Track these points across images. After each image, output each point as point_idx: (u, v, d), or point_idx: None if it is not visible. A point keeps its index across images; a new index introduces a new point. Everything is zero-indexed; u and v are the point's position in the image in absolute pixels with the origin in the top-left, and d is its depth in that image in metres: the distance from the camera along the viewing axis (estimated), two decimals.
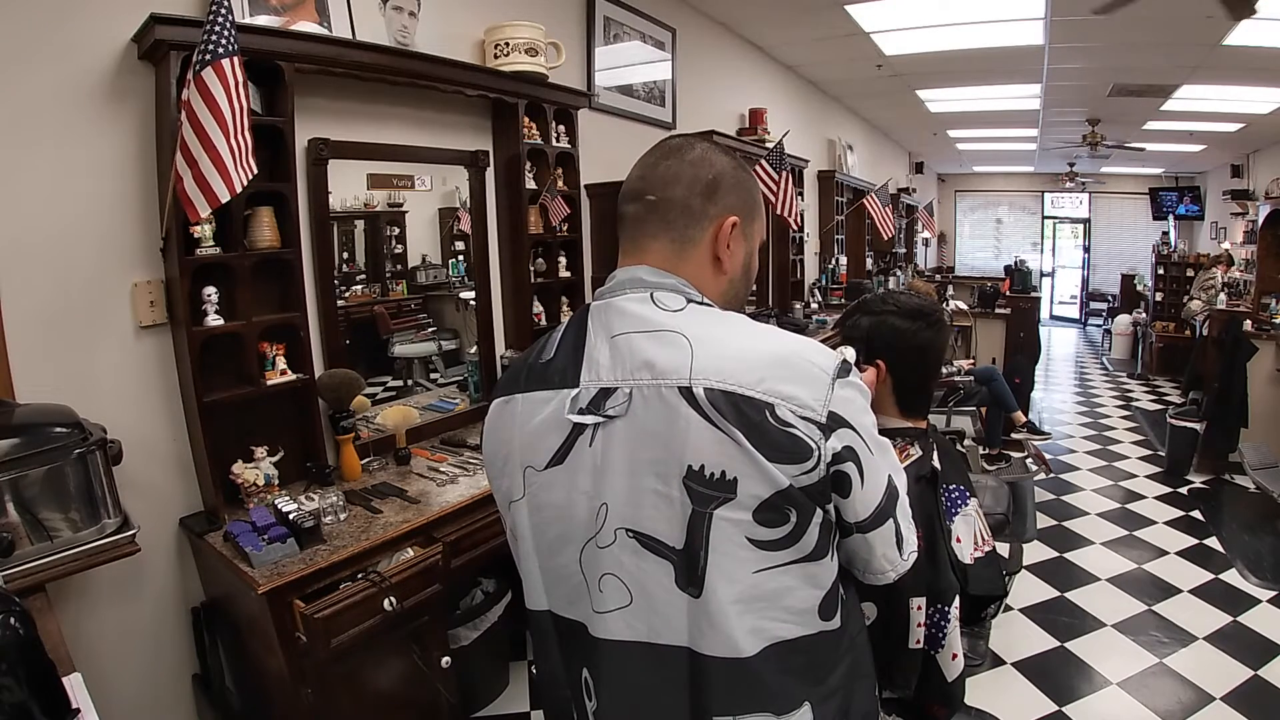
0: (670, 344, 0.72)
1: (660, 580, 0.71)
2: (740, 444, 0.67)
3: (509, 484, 0.82)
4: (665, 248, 0.79)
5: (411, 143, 2.34)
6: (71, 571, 1.38)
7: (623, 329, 0.75)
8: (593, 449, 0.73)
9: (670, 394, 0.70)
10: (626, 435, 0.72)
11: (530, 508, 0.80)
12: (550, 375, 0.79)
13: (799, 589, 0.71)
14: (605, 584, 0.74)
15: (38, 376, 1.55)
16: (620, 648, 0.74)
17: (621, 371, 0.73)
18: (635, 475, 0.71)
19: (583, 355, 0.77)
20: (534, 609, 0.84)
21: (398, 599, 1.58)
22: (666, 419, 0.69)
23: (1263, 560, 3.23)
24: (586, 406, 0.74)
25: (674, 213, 0.79)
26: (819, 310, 5.53)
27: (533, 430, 0.78)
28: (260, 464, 1.82)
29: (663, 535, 0.70)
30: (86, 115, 1.61)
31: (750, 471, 0.67)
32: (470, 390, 2.64)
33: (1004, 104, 6.16)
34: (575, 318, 0.83)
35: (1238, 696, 2.26)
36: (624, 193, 0.83)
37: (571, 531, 0.76)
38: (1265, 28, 3.74)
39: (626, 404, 0.72)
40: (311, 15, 1.98)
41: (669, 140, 0.84)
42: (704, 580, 0.69)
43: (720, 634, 0.69)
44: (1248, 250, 7.36)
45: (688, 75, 3.91)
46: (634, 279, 0.78)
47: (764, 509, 0.67)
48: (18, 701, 0.81)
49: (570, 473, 0.75)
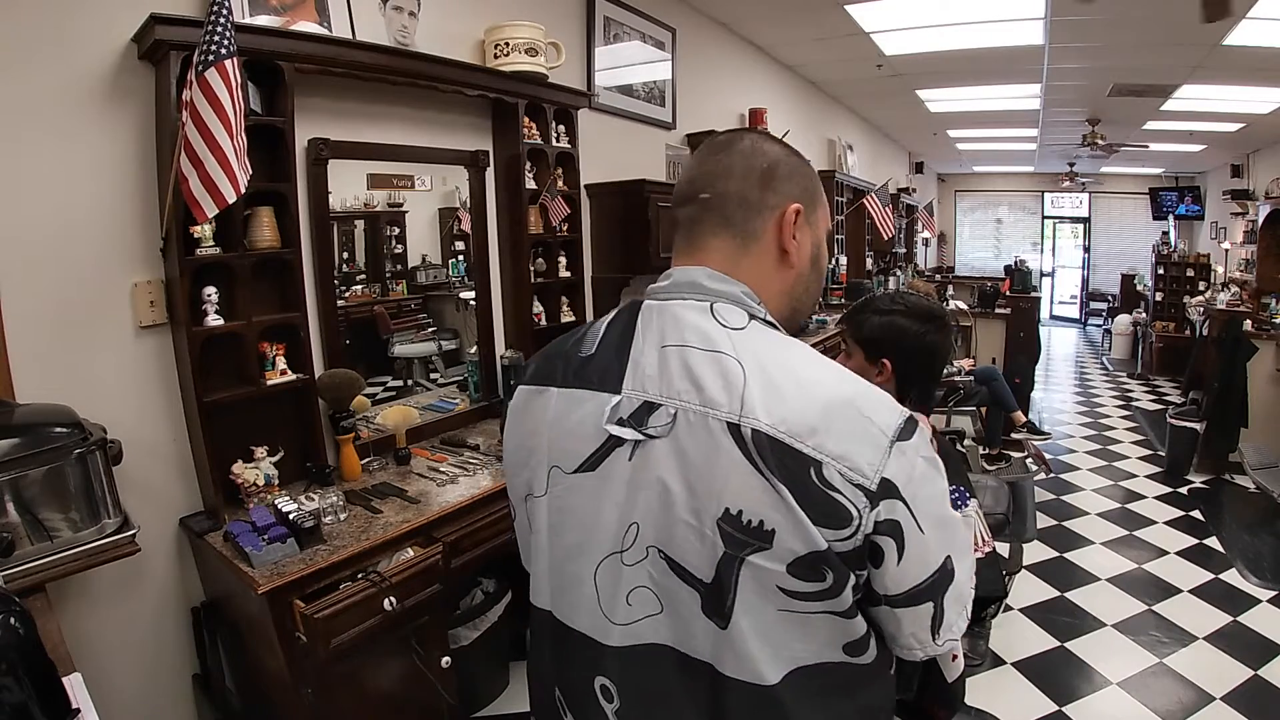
0: (724, 369, 0.66)
1: (687, 603, 0.67)
2: (784, 498, 0.61)
3: (530, 478, 0.79)
4: (726, 245, 0.75)
5: (411, 143, 2.34)
6: (71, 571, 1.38)
7: (675, 340, 0.70)
8: (630, 465, 0.69)
9: (716, 426, 0.64)
10: (666, 459, 0.67)
11: (550, 507, 0.76)
12: (590, 374, 0.74)
13: (830, 633, 0.67)
14: (635, 596, 0.69)
15: (38, 376, 1.55)
16: (648, 650, 0.70)
17: (667, 387, 0.68)
18: (670, 503, 0.66)
19: (627, 359, 0.72)
20: (537, 605, 0.81)
21: (398, 599, 1.58)
22: (709, 452, 0.64)
23: (1263, 560, 3.24)
24: (628, 419, 0.69)
25: (731, 207, 0.74)
26: (819, 310, 5.53)
27: (567, 430, 0.74)
28: (260, 464, 1.82)
29: (691, 566, 0.66)
30: (87, 115, 1.61)
31: (789, 527, 0.61)
32: (470, 390, 2.64)
33: (1004, 104, 6.16)
34: (622, 314, 0.78)
35: (1238, 696, 2.26)
36: (676, 197, 0.79)
37: (592, 543, 0.72)
38: (1265, 28, 3.74)
39: (670, 425, 0.67)
40: (311, 15, 1.98)
41: (715, 137, 0.80)
42: (730, 615, 0.65)
43: (744, 662, 0.65)
44: (1248, 250, 7.37)
45: (688, 75, 3.91)
46: (692, 283, 0.73)
47: (799, 564, 0.62)
48: (18, 701, 0.80)
49: (601, 482, 0.71)
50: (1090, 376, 7.87)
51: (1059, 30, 4.06)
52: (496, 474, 2.07)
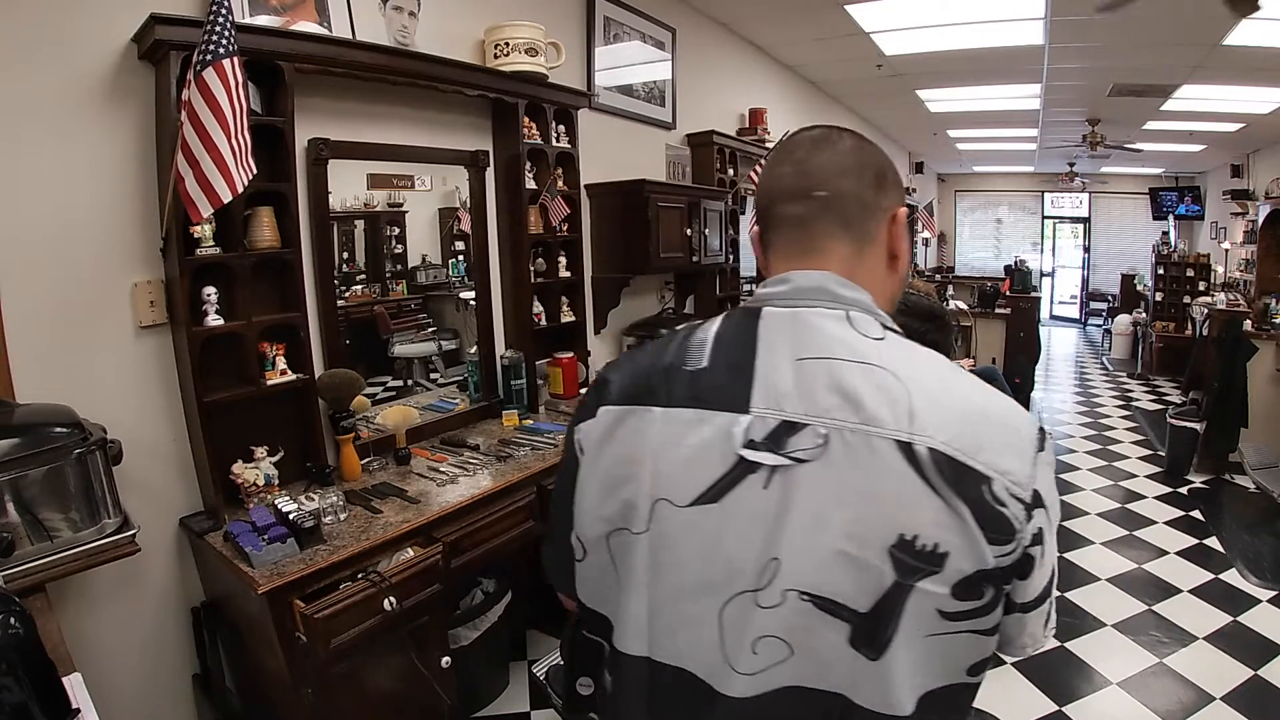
0: (881, 384, 0.61)
1: (829, 639, 0.61)
2: (963, 519, 0.58)
3: (621, 513, 0.69)
4: (844, 249, 0.70)
5: (411, 143, 2.34)
6: (71, 571, 1.38)
7: (816, 351, 0.64)
8: (767, 493, 0.61)
9: (884, 446, 0.59)
10: (818, 486, 0.60)
11: (654, 545, 0.67)
12: (704, 391, 0.66)
13: (965, 654, 0.64)
14: (762, 645, 0.62)
15: (38, 376, 1.55)
16: (773, 695, 0.64)
17: (813, 405, 0.62)
18: (822, 533, 0.60)
19: (752, 374, 0.64)
20: (627, 652, 0.71)
21: (398, 599, 1.58)
22: (875, 475, 0.59)
23: (1263, 560, 3.24)
24: (762, 441, 0.62)
25: (851, 208, 0.70)
26: None
27: (679, 457, 0.65)
28: (260, 464, 1.82)
29: (845, 598, 0.60)
30: (87, 115, 1.61)
31: (964, 548, 0.59)
32: (470, 390, 2.64)
33: (1004, 104, 6.16)
34: (734, 322, 0.70)
35: (1238, 696, 2.26)
36: (779, 191, 0.72)
37: (718, 581, 0.64)
38: (1265, 28, 3.74)
39: (822, 448, 0.60)
40: (311, 15, 1.98)
41: (807, 132, 0.75)
42: (888, 645, 0.60)
43: (887, 692, 0.62)
44: (1248, 250, 7.37)
45: (688, 75, 3.91)
46: (820, 288, 0.67)
47: (963, 585, 0.60)
48: (18, 702, 0.81)
49: (728, 515, 0.63)
50: (1090, 376, 7.87)
51: (1059, 30, 4.06)
52: (496, 474, 2.07)
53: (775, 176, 0.74)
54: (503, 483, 2.01)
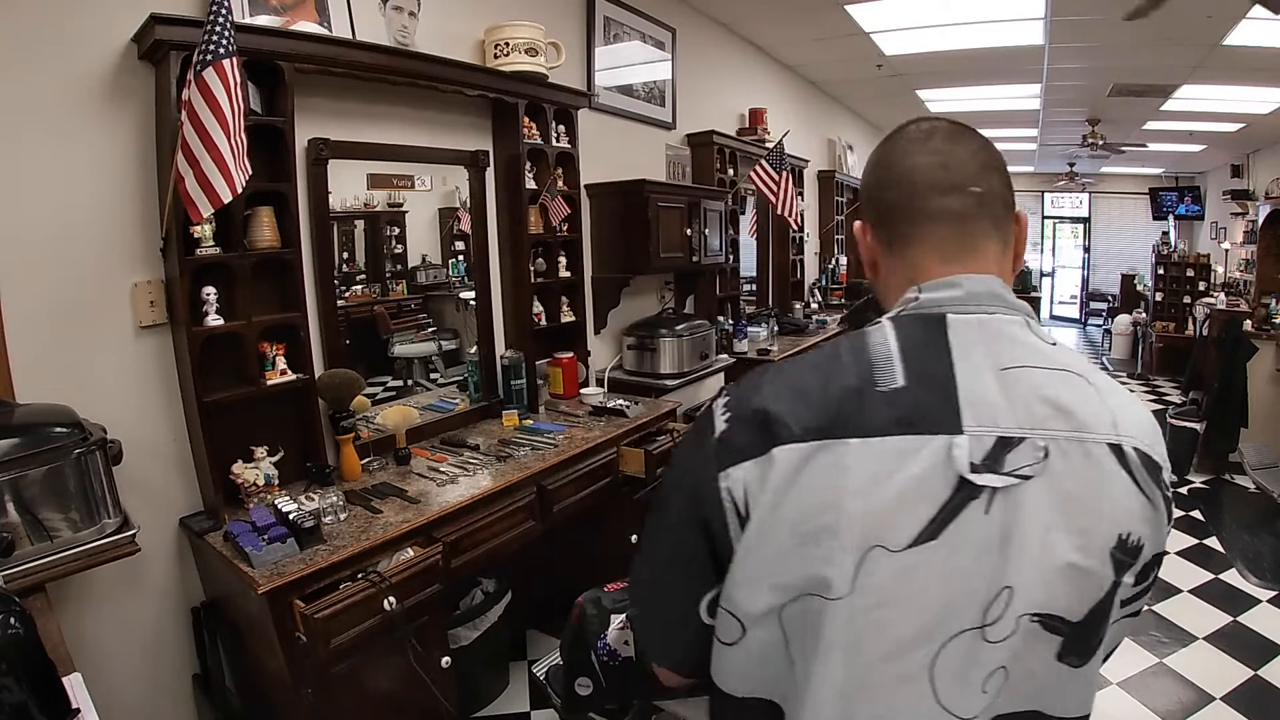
0: (1080, 389, 0.60)
1: (1040, 655, 0.59)
2: (1158, 510, 0.61)
3: (812, 574, 0.58)
4: (996, 249, 0.67)
5: (411, 143, 2.34)
6: (71, 571, 1.38)
7: (1015, 360, 0.60)
8: (990, 518, 0.56)
9: (1099, 451, 0.58)
10: (1042, 502, 0.57)
11: (857, 607, 0.57)
12: (910, 413, 0.58)
13: (1115, 637, 0.66)
14: (991, 682, 0.58)
15: (38, 376, 1.55)
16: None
17: (1027, 417, 0.58)
18: (1051, 550, 0.57)
19: (955, 389, 0.59)
20: None
21: (398, 599, 1.58)
22: (1095, 482, 0.58)
23: (1263, 560, 3.24)
24: (981, 462, 0.57)
25: (999, 208, 0.67)
26: (819, 310, 5.53)
27: (891, 493, 0.57)
28: (260, 464, 1.82)
29: (1064, 611, 0.58)
30: (87, 115, 1.61)
31: (1152, 536, 0.61)
32: (470, 390, 2.64)
33: (1004, 104, 6.16)
34: (914, 332, 0.63)
35: (1238, 696, 2.26)
36: (924, 183, 0.66)
37: (932, 628, 0.57)
38: (1265, 28, 3.74)
39: (1043, 462, 0.57)
40: (311, 15, 1.98)
41: (927, 123, 0.69)
42: (1096, 648, 0.61)
43: (1080, 696, 0.62)
44: (1248, 250, 7.36)
45: (688, 75, 3.91)
46: (992, 293, 0.64)
47: (1144, 570, 0.62)
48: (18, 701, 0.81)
49: (949, 551, 0.57)
50: None
51: (1059, 30, 4.06)
52: (496, 474, 2.07)
53: (914, 167, 0.67)
54: (503, 483, 2.01)
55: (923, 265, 0.67)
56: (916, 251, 0.67)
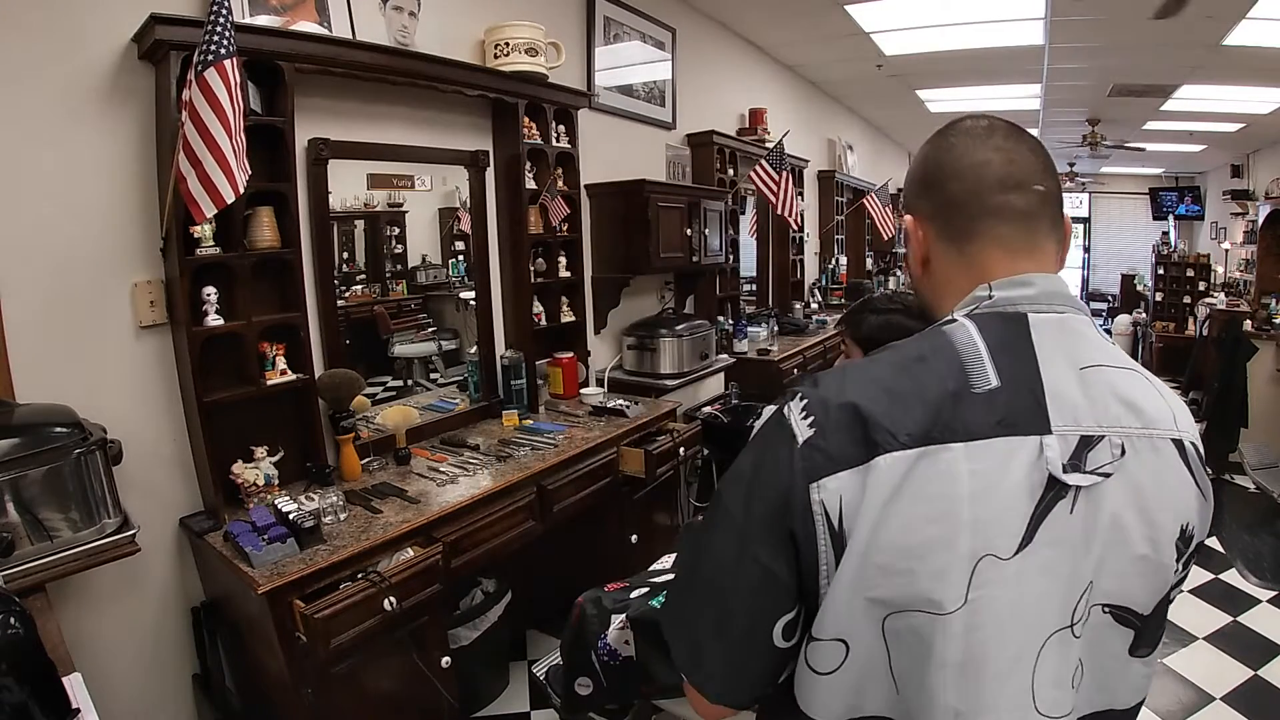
0: (1142, 386, 0.62)
1: (1115, 650, 0.61)
2: (1208, 499, 0.64)
3: (924, 587, 0.55)
4: (1054, 251, 0.67)
5: (411, 143, 2.34)
6: (71, 571, 1.38)
7: (1091, 359, 0.61)
8: (1073, 518, 0.56)
9: (1165, 447, 0.61)
10: (1119, 496, 0.58)
11: (971, 622, 0.55)
12: (1008, 413, 0.57)
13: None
14: (1078, 677, 0.59)
15: (38, 376, 1.55)
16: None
17: (1105, 416, 0.59)
18: (1125, 543, 0.58)
19: (1042, 388, 0.58)
20: None
21: (398, 599, 1.58)
22: (1161, 476, 0.60)
23: (1263, 560, 3.24)
24: (1068, 461, 0.57)
25: (1056, 209, 0.67)
26: (819, 310, 5.53)
27: (1000, 500, 0.56)
28: (260, 464, 1.82)
29: (1136, 604, 0.61)
30: (87, 115, 1.61)
31: (1202, 526, 0.64)
32: (470, 390, 2.64)
33: (1004, 104, 6.15)
34: (997, 331, 0.61)
35: (1238, 696, 2.26)
36: (990, 178, 0.65)
37: (1037, 633, 0.57)
38: (1265, 28, 3.74)
39: (1120, 459, 0.58)
40: (311, 15, 1.98)
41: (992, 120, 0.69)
42: (1161, 637, 0.65)
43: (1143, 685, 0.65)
44: (1248, 250, 7.36)
45: (688, 75, 3.91)
46: (1061, 293, 0.64)
47: (1188, 559, 0.65)
48: (18, 701, 0.81)
49: (1045, 553, 0.56)
50: None
51: (1059, 30, 4.06)
52: (496, 474, 2.07)
53: (980, 163, 0.66)
54: (503, 483, 2.01)
55: (988, 262, 0.66)
56: (980, 247, 0.66)
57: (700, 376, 3.42)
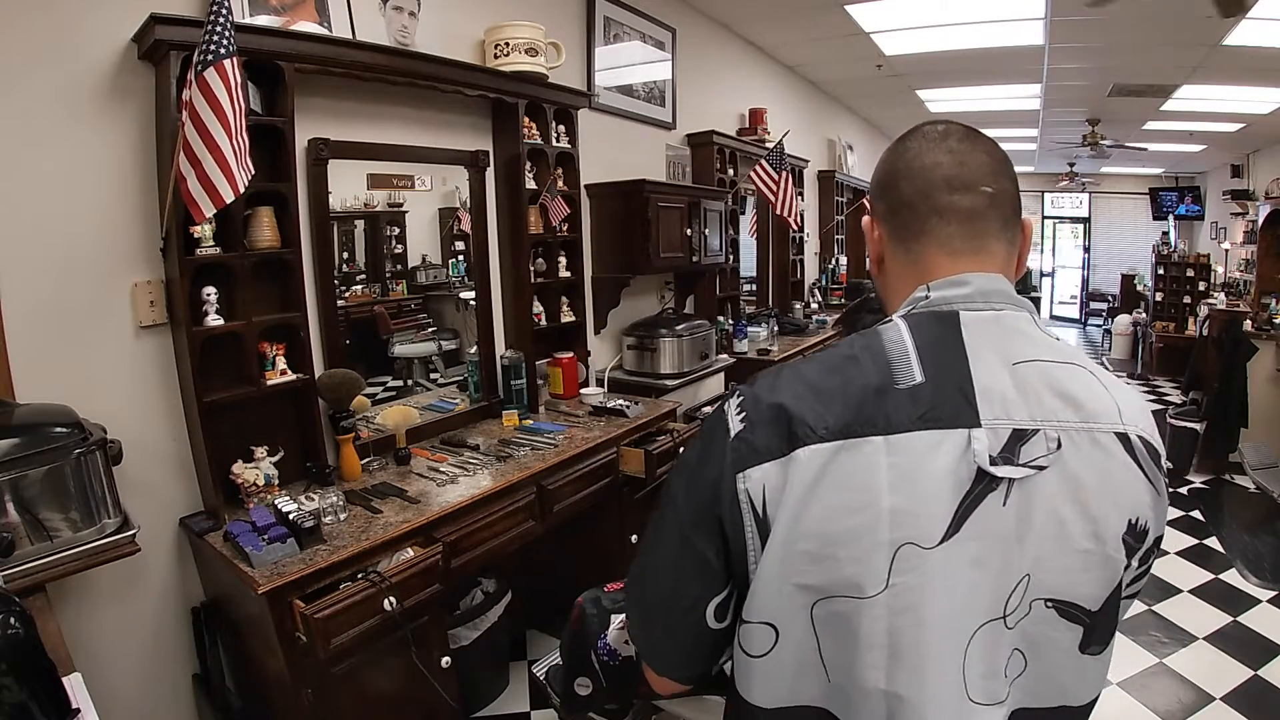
0: (1085, 381, 0.62)
1: (1063, 646, 0.61)
2: (1160, 495, 0.63)
3: (850, 575, 0.58)
4: (1003, 251, 0.68)
5: (411, 143, 2.34)
6: (71, 571, 1.38)
7: (1026, 355, 0.62)
8: (1006, 510, 0.58)
9: (1107, 440, 0.61)
10: (1056, 489, 0.59)
11: (894, 606, 0.58)
12: (932, 408, 0.59)
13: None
14: (1011, 664, 0.60)
15: (38, 376, 1.55)
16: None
17: (1039, 409, 0.60)
18: (1065, 537, 0.59)
19: (972, 383, 0.60)
20: None
21: (398, 599, 1.58)
22: (1104, 470, 0.60)
23: (1263, 560, 3.24)
24: (999, 454, 0.58)
25: (1009, 210, 0.68)
26: (819, 310, 5.53)
27: (920, 490, 0.57)
28: (260, 464, 1.82)
29: (1082, 599, 0.60)
30: (86, 115, 1.61)
31: (1157, 520, 0.64)
32: (470, 390, 2.64)
33: (1004, 104, 6.16)
34: (928, 329, 0.64)
35: (1238, 696, 2.26)
36: (939, 179, 0.67)
37: (965, 621, 0.58)
38: (1265, 28, 3.74)
39: (1056, 452, 0.59)
40: (311, 15, 1.98)
41: (949, 124, 0.71)
42: (1113, 634, 0.64)
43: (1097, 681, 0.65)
44: (1248, 250, 7.36)
45: (688, 75, 3.91)
46: (1000, 291, 0.65)
47: (1145, 554, 0.64)
48: (18, 701, 0.81)
49: (973, 544, 0.57)
50: None
51: (1059, 30, 4.06)
52: (496, 474, 2.07)
53: (931, 165, 0.68)
54: (503, 483, 2.01)
55: (931, 262, 0.68)
56: (925, 246, 0.69)
57: (700, 376, 3.42)
